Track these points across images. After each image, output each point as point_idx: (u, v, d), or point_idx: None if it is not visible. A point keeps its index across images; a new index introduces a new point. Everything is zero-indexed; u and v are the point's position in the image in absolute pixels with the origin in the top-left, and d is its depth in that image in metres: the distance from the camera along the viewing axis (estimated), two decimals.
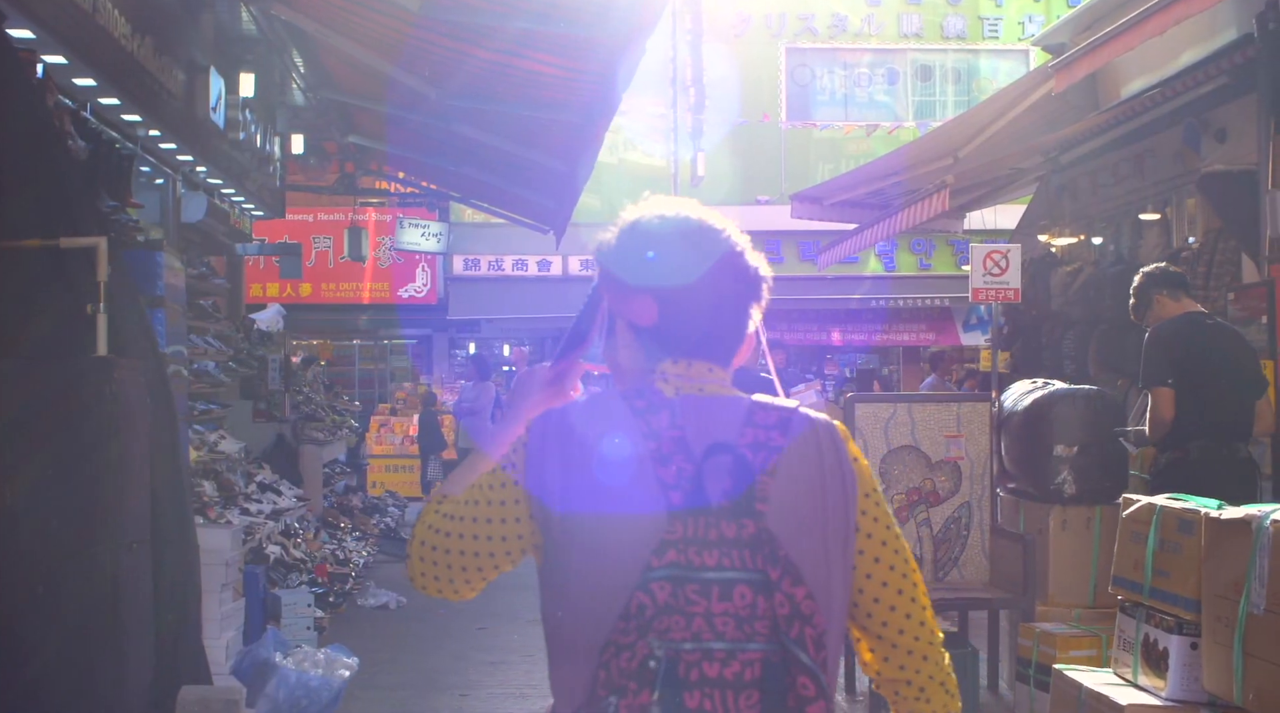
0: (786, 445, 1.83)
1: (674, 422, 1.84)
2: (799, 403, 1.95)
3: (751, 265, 1.98)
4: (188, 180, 10.66)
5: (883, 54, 20.29)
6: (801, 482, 1.82)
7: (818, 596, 1.76)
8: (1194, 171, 10.16)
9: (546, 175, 11.12)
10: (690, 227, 1.96)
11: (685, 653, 1.71)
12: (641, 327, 1.93)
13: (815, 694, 1.70)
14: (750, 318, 1.99)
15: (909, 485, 6.62)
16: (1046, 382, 6.79)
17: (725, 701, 1.71)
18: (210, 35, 9.34)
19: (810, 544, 1.80)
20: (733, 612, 1.73)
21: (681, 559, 1.74)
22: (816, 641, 1.73)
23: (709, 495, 1.78)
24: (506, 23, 7.44)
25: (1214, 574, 3.22)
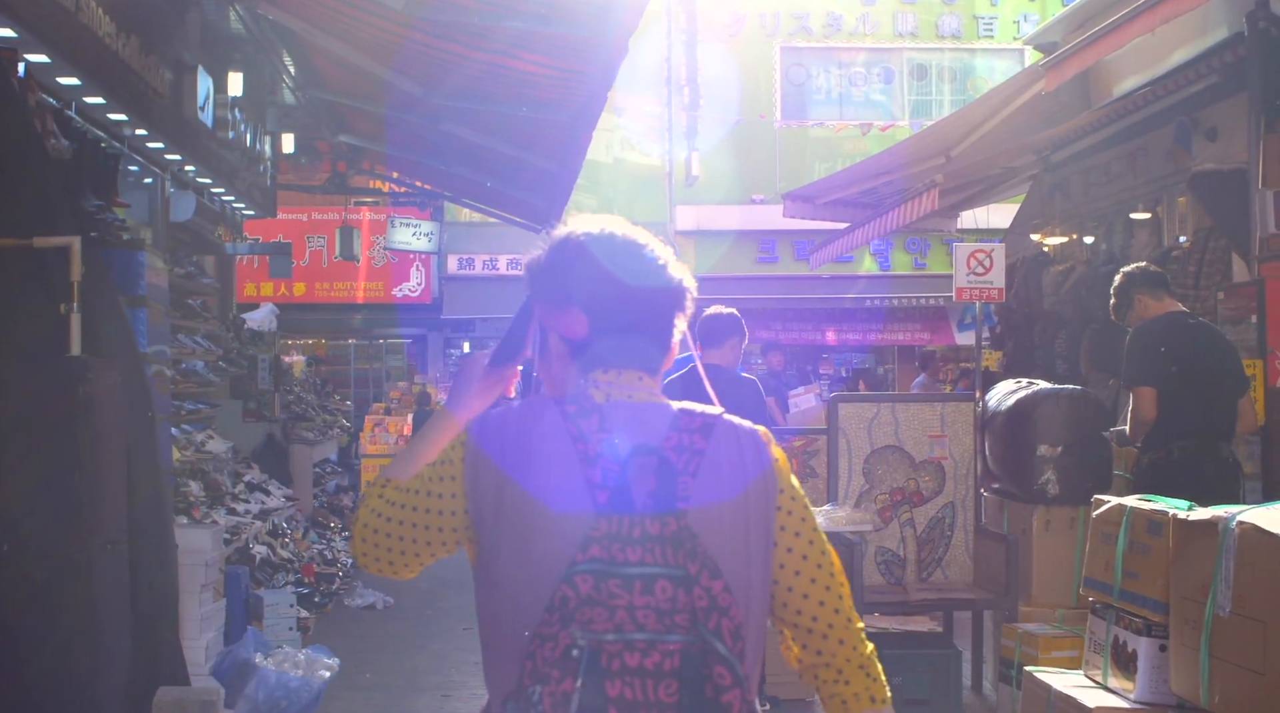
0: (709, 449, 1.94)
1: (602, 426, 1.94)
2: (723, 410, 2.06)
3: (675, 278, 2.07)
4: (177, 180, 10.64)
5: (878, 53, 20.26)
6: (722, 483, 1.92)
7: (736, 590, 1.85)
8: (1185, 170, 10.15)
9: (537, 174, 11.11)
10: (616, 243, 2.05)
11: (607, 644, 1.79)
12: (573, 339, 2.04)
13: (731, 683, 1.77)
14: (675, 327, 2.08)
15: (893, 486, 6.60)
16: (1030, 381, 6.78)
17: (645, 689, 1.78)
18: (197, 34, 9.31)
19: (730, 541, 1.90)
20: (654, 605, 1.81)
21: (605, 555, 1.83)
22: (733, 632, 1.81)
23: (633, 495, 1.87)
24: (492, 22, 7.43)
25: (1181, 576, 3.20)
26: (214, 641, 6.12)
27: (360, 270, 19.20)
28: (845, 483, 6.59)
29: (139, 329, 6.68)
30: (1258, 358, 8.56)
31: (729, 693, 1.77)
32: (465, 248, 19.91)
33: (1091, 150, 11.91)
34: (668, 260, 2.08)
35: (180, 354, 9.66)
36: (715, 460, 1.94)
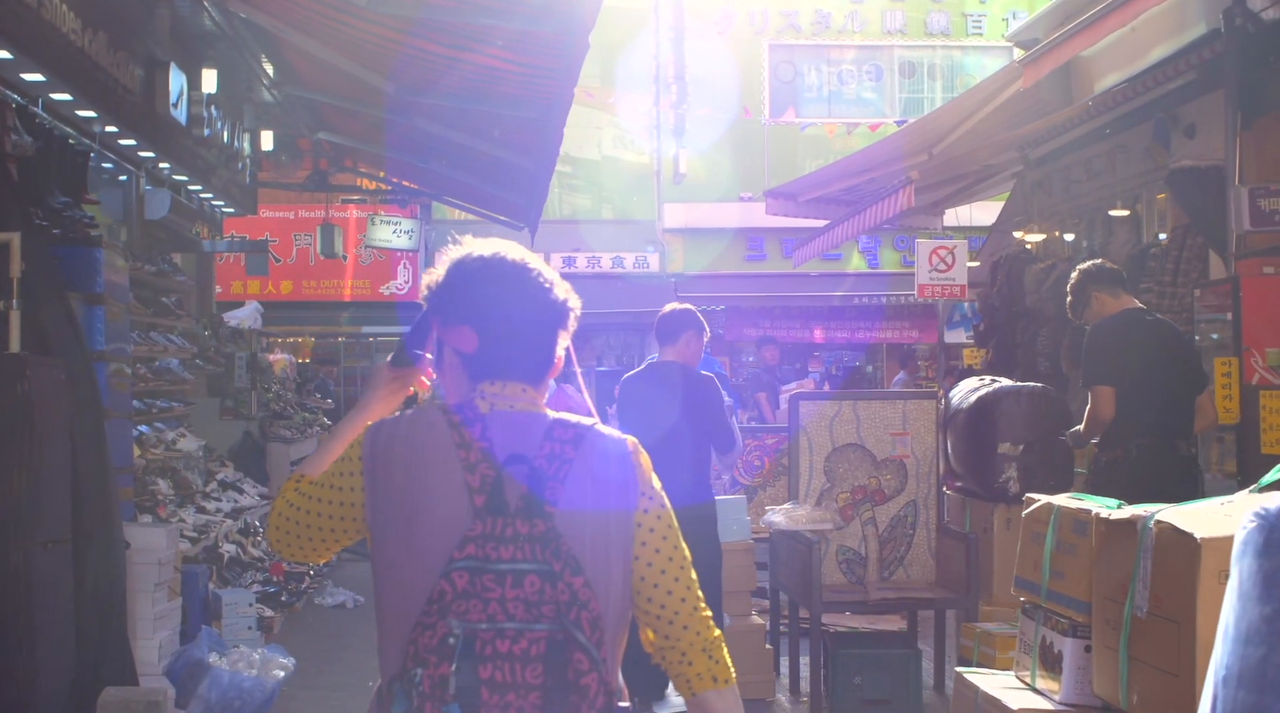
0: (577, 458, 2.17)
1: (483, 434, 2.18)
2: (596, 420, 2.30)
3: (559, 299, 2.30)
4: (152, 177, 10.60)
5: (869, 50, 20.22)
6: (587, 489, 2.15)
7: (596, 585, 2.09)
8: (1164, 168, 10.11)
9: (513, 172, 11.07)
10: (506, 267, 2.28)
11: (481, 632, 2.02)
12: (464, 353, 2.27)
13: (589, 668, 2.02)
14: (558, 343, 2.32)
15: (854, 484, 6.57)
16: (994, 379, 6.73)
17: (514, 672, 2.01)
18: (166, 31, 9.27)
19: (591, 542, 2.13)
20: (523, 597, 2.04)
21: (479, 553, 2.06)
22: (592, 623, 2.05)
23: (507, 499, 2.10)
24: (453, 17, 7.39)
25: (1103, 576, 3.16)
26: (168, 640, 6.07)
27: (347, 268, 19.15)
28: (806, 481, 6.56)
29: (96, 327, 6.65)
30: (1233, 356, 8.53)
31: (587, 676, 2.01)
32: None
33: (1073, 148, 11.88)
34: (553, 283, 2.31)
35: (153, 352, 9.63)
36: (582, 469, 2.17)
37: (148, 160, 10.13)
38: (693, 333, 6.30)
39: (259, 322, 15.48)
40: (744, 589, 6.76)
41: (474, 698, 2.00)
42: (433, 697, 2.00)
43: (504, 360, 2.25)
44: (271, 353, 16.31)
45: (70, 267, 6.42)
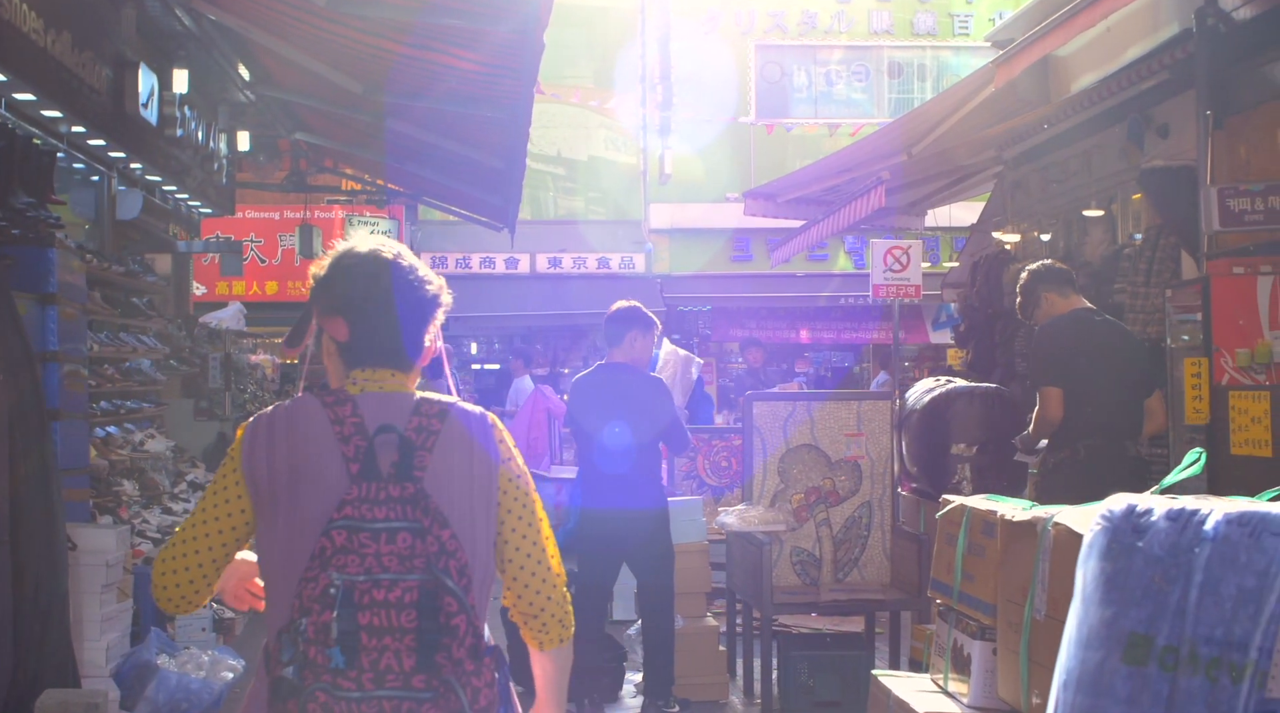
0: (443, 430, 2.42)
1: (355, 412, 2.42)
2: (458, 398, 2.57)
3: (428, 294, 2.57)
4: (124, 177, 10.59)
5: (857, 51, 20.18)
6: (453, 455, 2.41)
7: (462, 537, 2.34)
8: (1137, 167, 10.08)
9: (485, 172, 11.05)
10: (378, 263, 2.54)
11: (359, 583, 2.25)
12: (339, 341, 2.52)
13: (458, 610, 2.26)
14: (427, 333, 2.57)
15: (808, 485, 6.54)
16: (949, 380, 6.70)
17: (390, 617, 2.25)
18: (133, 30, 9.26)
19: (458, 500, 2.38)
20: (396, 552, 2.28)
21: (356, 514, 2.30)
22: (459, 570, 2.29)
23: (380, 466, 2.35)
24: (410, 17, 7.37)
25: (1007, 579, 3.13)
26: (117, 642, 6.04)
27: None
28: (760, 482, 6.53)
29: (48, 327, 6.63)
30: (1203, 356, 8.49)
31: (456, 617, 2.25)
32: (439, 246, 19.85)
33: (1050, 148, 11.84)
34: (424, 278, 2.57)
35: (121, 353, 9.60)
36: (447, 438, 2.42)
37: (119, 161, 10.12)
38: (637, 332, 6.22)
39: (242, 322, 15.44)
40: (699, 591, 6.74)
41: (354, 642, 2.23)
42: (316, 642, 2.22)
43: (373, 349, 2.50)
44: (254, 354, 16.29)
45: (22, 267, 6.40)
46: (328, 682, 2.23)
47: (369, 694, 2.24)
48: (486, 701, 2.28)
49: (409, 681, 2.25)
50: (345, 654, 2.23)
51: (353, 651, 2.23)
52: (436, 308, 2.57)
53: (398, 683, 2.24)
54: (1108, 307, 10.26)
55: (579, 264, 19.98)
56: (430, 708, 2.25)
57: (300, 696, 2.23)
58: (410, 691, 2.24)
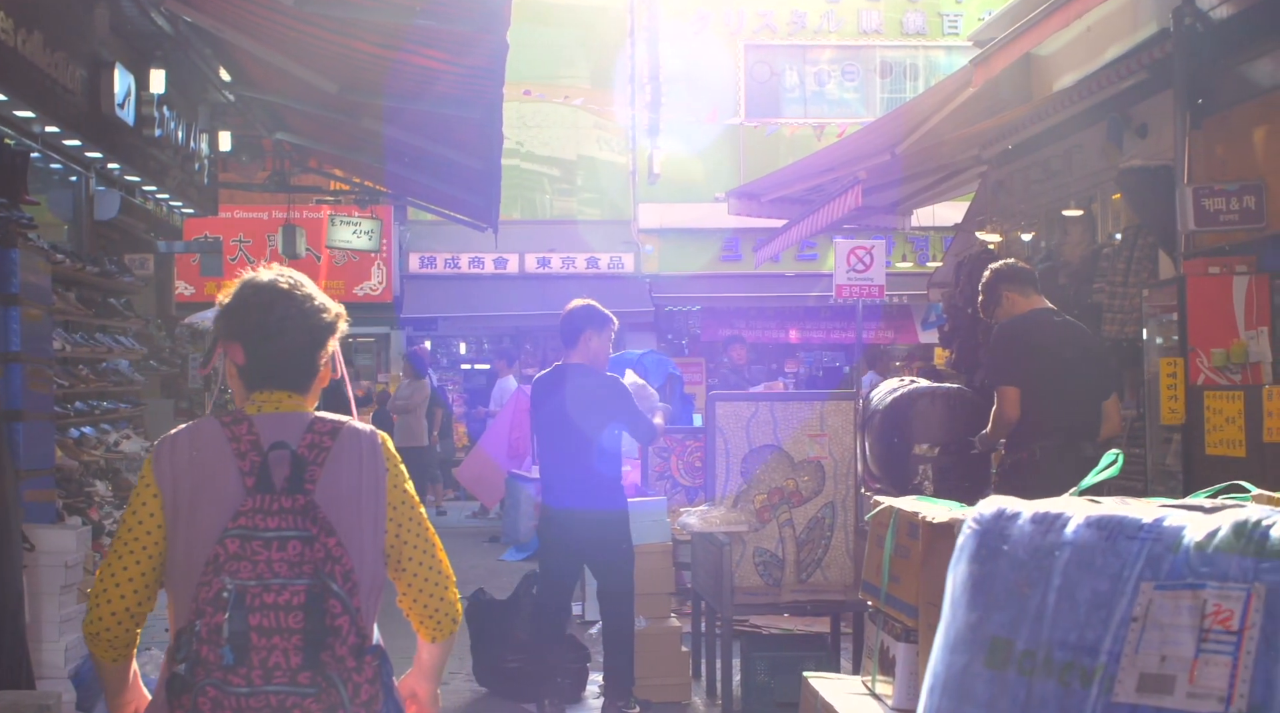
0: (334, 446, 2.64)
1: (251, 430, 2.63)
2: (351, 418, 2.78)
3: (321, 320, 2.78)
4: (103, 178, 10.58)
5: (848, 50, 20.15)
6: (342, 470, 2.62)
7: (349, 545, 2.52)
8: (1117, 167, 10.07)
9: (466, 172, 11.04)
10: (275, 292, 2.76)
11: (250, 587, 2.44)
12: (239, 365, 2.75)
13: (341, 612, 2.45)
14: (320, 358, 2.78)
15: (771, 485, 6.52)
16: (912, 380, 6.68)
17: (279, 618, 2.43)
18: (106, 30, 9.24)
19: (346, 511, 2.58)
20: (286, 558, 2.48)
21: (249, 524, 2.50)
22: (344, 575, 2.48)
23: (273, 480, 2.55)
24: (378, 15, 7.37)
25: (928, 580, 3.12)
26: (76, 644, 6.01)
27: (320, 269, 19.11)
28: (722, 483, 6.52)
29: (11, 328, 6.63)
30: (1178, 356, 8.47)
31: (340, 619, 2.44)
32: (428, 247, 19.85)
33: (1032, 148, 11.82)
34: (320, 306, 2.78)
35: (97, 353, 9.60)
36: (337, 454, 2.64)
37: (96, 161, 10.10)
38: (592, 331, 6.18)
39: None
40: (662, 591, 6.73)
41: (244, 641, 2.43)
42: (209, 641, 2.42)
43: (269, 373, 2.71)
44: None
45: None
46: (219, 678, 2.42)
47: (257, 690, 2.42)
48: (368, 695, 2.46)
49: (295, 677, 2.43)
50: (235, 653, 2.42)
51: (243, 649, 2.42)
52: (330, 334, 2.80)
53: (285, 679, 2.43)
54: (1086, 306, 10.27)
55: (568, 264, 19.96)
56: (313, 703, 2.43)
57: (192, 691, 2.42)
58: (296, 686, 2.43)
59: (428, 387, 14.61)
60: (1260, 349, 8.24)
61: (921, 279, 16.01)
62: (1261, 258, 8.30)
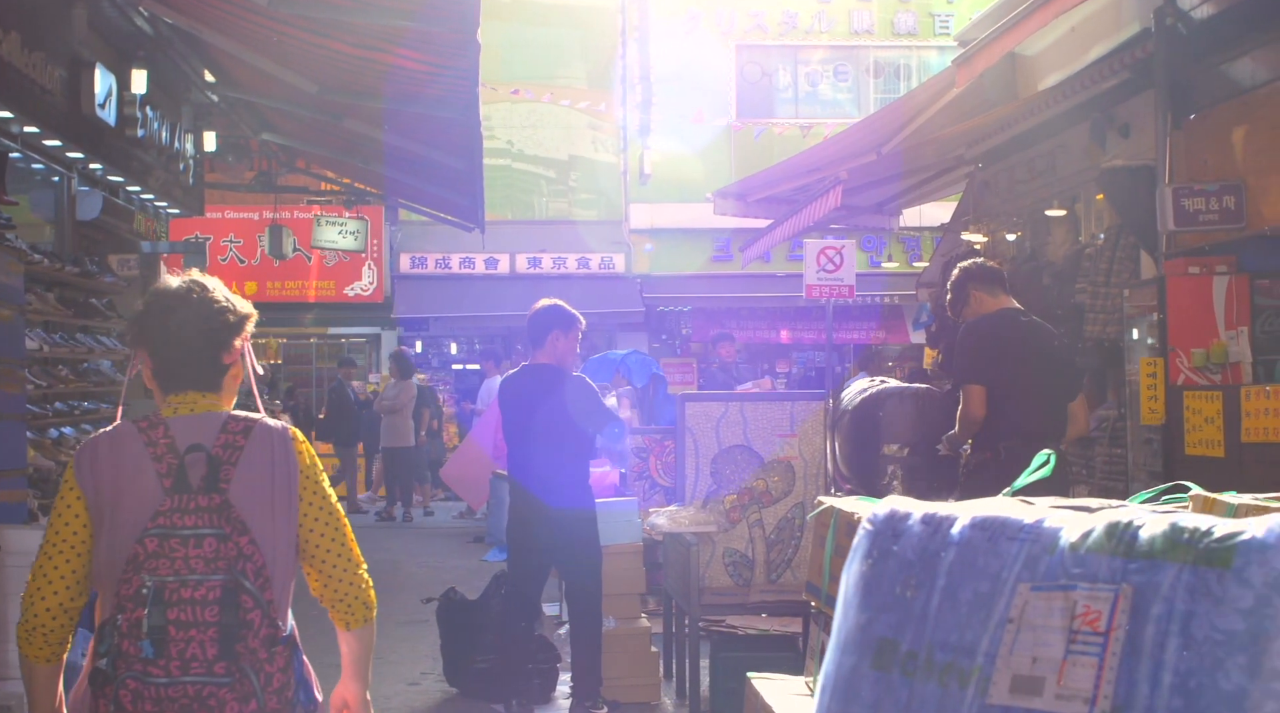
0: (247, 445, 2.75)
1: (166, 433, 2.74)
2: (264, 416, 2.87)
3: (223, 321, 2.85)
4: (85, 178, 10.58)
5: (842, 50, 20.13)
6: (255, 468, 2.74)
7: (261, 543, 2.67)
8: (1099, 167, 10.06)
9: (449, 172, 11.03)
10: (177, 298, 2.85)
11: (169, 583, 2.59)
12: (151, 370, 2.85)
13: (254, 606, 2.61)
14: (224, 357, 2.86)
15: (741, 486, 6.51)
16: (882, 380, 6.67)
17: (195, 613, 2.59)
18: (84, 31, 9.24)
19: (259, 509, 2.71)
20: (202, 555, 2.62)
21: (167, 523, 2.64)
22: (256, 572, 2.64)
23: (190, 480, 2.68)
24: (350, 15, 7.37)
25: None
26: None
27: (312, 269, 19.13)
28: (692, 483, 6.50)
29: None
30: (1159, 356, 8.46)
31: (252, 613, 2.61)
32: (419, 247, 19.84)
33: (1017, 147, 11.81)
34: (224, 308, 2.86)
35: (77, 354, 9.60)
36: (250, 453, 2.75)
37: (78, 161, 10.11)
38: (559, 332, 6.17)
39: None
40: (632, 592, 6.72)
41: (163, 635, 2.57)
42: (129, 635, 2.57)
43: (176, 375, 2.82)
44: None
45: None
46: (139, 670, 2.56)
47: (175, 680, 2.58)
48: (279, 683, 2.63)
49: (211, 668, 2.59)
50: (155, 646, 2.57)
51: (161, 643, 2.57)
52: (231, 335, 2.86)
53: (201, 670, 2.58)
54: (1070, 306, 10.26)
55: (559, 264, 19.96)
56: (228, 692, 2.59)
57: (114, 683, 2.56)
58: (212, 676, 2.58)
59: (414, 387, 14.61)
60: (1240, 349, 8.23)
61: (913, 279, 15.99)
62: (1241, 258, 8.28)
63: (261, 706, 2.63)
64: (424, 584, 9.87)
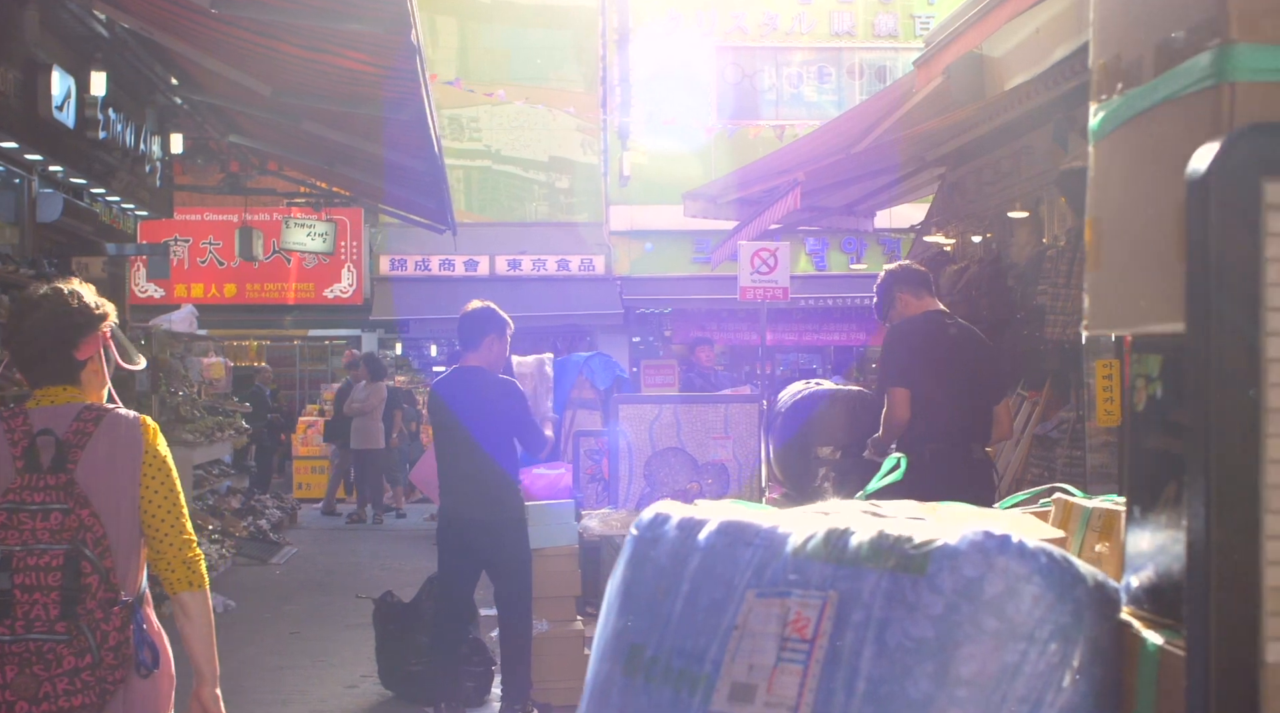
0: (96, 431, 3.10)
1: (26, 422, 3.09)
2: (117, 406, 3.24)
3: (75, 320, 3.16)
4: (47, 180, 10.57)
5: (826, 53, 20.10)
6: (101, 451, 3.08)
7: (103, 515, 3.02)
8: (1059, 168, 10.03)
9: (411, 174, 11.02)
10: (29, 303, 3.20)
11: (16, 552, 2.94)
12: (18, 368, 3.25)
13: (92, 572, 2.95)
14: (77, 354, 3.17)
15: (674, 488, 6.48)
16: (817, 382, 6.64)
17: (40, 578, 2.93)
18: (37, 34, 9.23)
19: (102, 486, 3.06)
20: (49, 528, 2.97)
21: (16, 499, 2.99)
22: (96, 542, 2.98)
23: (40, 461, 3.02)
24: (290, 18, 7.35)
25: None
26: None
27: (291, 271, 19.11)
28: (626, 485, 6.48)
29: None
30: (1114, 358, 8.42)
31: (90, 578, 2.95)
32: (398, 249, 19.83)
33: (984, 149, 11.77)
34: (79, 308, 3.17)
35: None
36: (99, 438, 3.09)
37: (37, 163, 10.10)
38: (495, 336, 6.16)
39: (194, 325, 15.44)
40: (567, 595, 6.69)
41: (9, 598, 2.91)
42: None
43: (33, 371, 3.17)
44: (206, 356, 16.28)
45: None
46: None
47: (19, 637, 2.91)
48: (115, 641, 2.96)
49: (53, 627, 2.92)
50: (1, 608, 2.90)
51: (7, 605, 2.91)
52: (80, 334, 3.16)
53: (43, 629, 2.92)
54: (1032, 308, 10.23)
55: (539, 266, 19.93)
56: (65, 648, 2.93)
57: None
58: (53, 634, 2.92)
59: (384, 390, 14.58)
60: None
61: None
62: None
63: (97, 660, 2.95)
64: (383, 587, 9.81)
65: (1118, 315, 1.63)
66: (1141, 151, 1.49)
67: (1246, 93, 1.32)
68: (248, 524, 12.27)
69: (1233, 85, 1.33)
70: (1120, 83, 1.53)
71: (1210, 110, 1.34)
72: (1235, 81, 1.32)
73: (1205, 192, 1.27)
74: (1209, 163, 1.27)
